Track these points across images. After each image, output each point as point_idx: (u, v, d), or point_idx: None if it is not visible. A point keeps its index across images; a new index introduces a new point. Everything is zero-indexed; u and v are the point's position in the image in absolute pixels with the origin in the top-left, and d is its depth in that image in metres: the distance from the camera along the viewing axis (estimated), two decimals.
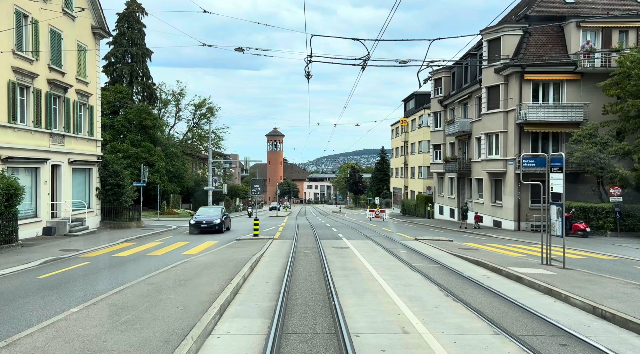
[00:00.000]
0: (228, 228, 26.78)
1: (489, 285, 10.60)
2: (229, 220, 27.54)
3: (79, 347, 5.83)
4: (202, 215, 25.39)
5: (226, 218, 26.32)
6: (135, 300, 8.35)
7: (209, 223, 24.18)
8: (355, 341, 6.50)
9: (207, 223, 24.12)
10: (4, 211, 16.24)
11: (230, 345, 6.41)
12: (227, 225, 26.79)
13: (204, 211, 26.30)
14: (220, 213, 25.69)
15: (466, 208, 31.82)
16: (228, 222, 27.14)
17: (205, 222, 24.10)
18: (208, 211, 26.33)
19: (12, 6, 18.80)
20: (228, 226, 26.96)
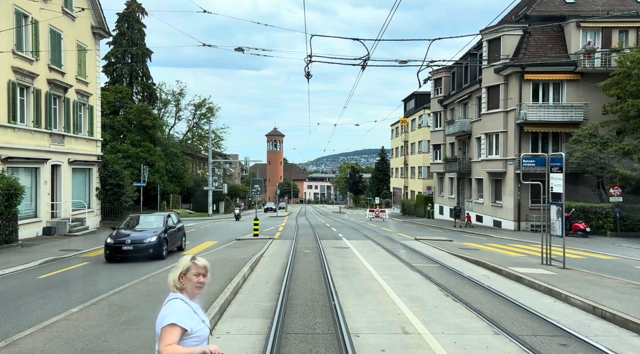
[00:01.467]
0: (180, 248, 17.04)
1: (489, 285, 10.61)
2: (180, 234, 17.18)
3: (79, 347, 5.83)
4: (128, 229, 15.51)
5: (174, 233, 16.31)
6: (135, 300, 8.35)
7: (138, 243, 14.29)
8: (355, 341, 6.50)
9: (134, 243, 14.26)
10: (4, 211, 16.24)
11: (230, 345, 6.41)
12: (177, 243, 16.79)
13: (136, 222, 16.23)
14: (163, 225, 15.46)
15: (459, 209, 33.28)
16: (179, 238, 17.01)
17: (130, 242, 14.28)
18: (145, 220, 16.21)
19: (12, 6, 18.80)
20: (180, 244, 17.07)
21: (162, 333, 2.81)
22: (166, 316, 2.84)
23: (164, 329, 2.80)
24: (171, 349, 2.74)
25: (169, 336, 2.78)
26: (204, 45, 14.58)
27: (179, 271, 3.00)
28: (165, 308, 2.91)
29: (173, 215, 17.31)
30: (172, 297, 2.96)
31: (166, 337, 2.78)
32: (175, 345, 2.77)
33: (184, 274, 2.99)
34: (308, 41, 18.53)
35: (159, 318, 2.90)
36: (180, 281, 2.98)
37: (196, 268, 3.00)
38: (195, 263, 3.01)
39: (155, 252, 14.41)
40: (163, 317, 2.85)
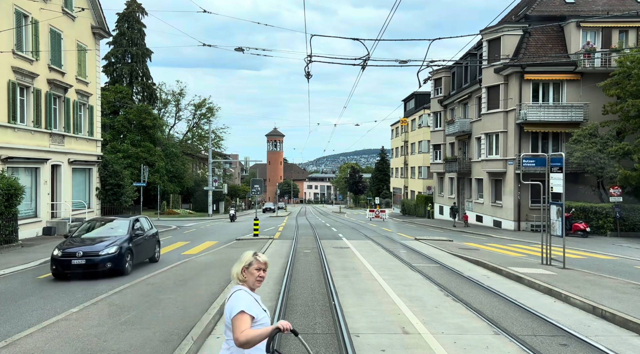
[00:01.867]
0: (153, 259, 14.12)
1: (489, 285, 10.60)
2: (153, 243, 14.13)
3: (79, 347, 5.83)
4: (83, 237, 12.45)
5: (144, 242, 13.34)
6: (135, 300, 8.35)
7: (92, 256, 11.34)
8: (355, 341, 6.50)
9: (88, 256, 11.33)
10: (4, 211, 16.24)
11: None
12: (149, 253, 13.91)
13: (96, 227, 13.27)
14: (127, 232, 12.58)
15: (456, 208, 34.03)
16: (151, 247, 13.97)
17: (82, 255, 11.34)
18: (107, 226, 13.16)
19: (12, 6, 18.80)
20: (153, 254, 14.12)
21: (233, 321, 3.05)
22: (234, 306, 3.09)
23: (235, 318, 3.05)
24: (246, 333, 3.00)
25: (240, 323, 3.04)
26: (204, 45, 14.57)
27: (242, 265, 3.28)
28: (231, 300, 3.15)
29: (143, 219, 14.51)
30: (236, 289, 3.22)
31: (239, 325, 3.04)
32: (249, 330, 3.02)
33: (246, 268, 3.27)
34: (308, 41, 18.53)
35: (226, 309, 3.15)
36: (242, 274, 3.27)
37: (257, 263, 3.28)
38: (257, 258, 3.30)
39: (114, 267, 11.54)
40: (231, 308, 3.10)
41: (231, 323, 3.07)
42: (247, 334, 2.99)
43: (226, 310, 3.16)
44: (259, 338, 3.03)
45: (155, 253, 14.35)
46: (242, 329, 3.01)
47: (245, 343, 3.00)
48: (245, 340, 2.99)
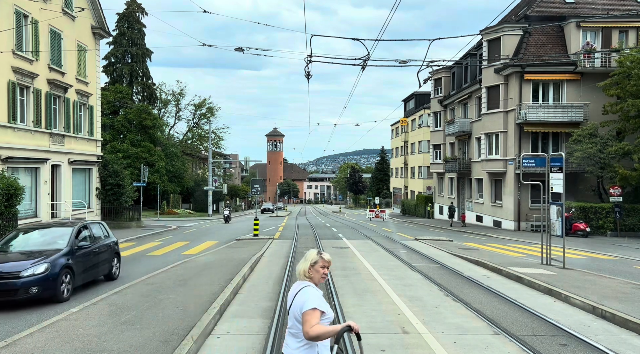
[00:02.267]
0: (110, 277, 11.48)
1: (489, 284, 10.61)
2: (108, 256, 11.34)
3: (79, 347, 5.83)
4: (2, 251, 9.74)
5: (93, 255, 10.60)
6: (135, 300, 8.35)
7: (8, 279, 8.48)
8: (355, 341, 6.49)
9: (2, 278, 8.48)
10: (4, 211, 16.23)
11: (230, 345, 6.41)
12: (102, 270, 11.14)
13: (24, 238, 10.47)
14: (67, 244, 9.82)
15: (453, 208, 33.96)
16: (105, 262, 11.20)
17: None
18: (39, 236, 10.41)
19: (12, 6, 18.78)
20: (109, 270, 11.41)
21: (304, 316, 3.25)
22: (306, 301, 3.29)
23: (306, 312, 3.25)
24: (317, 328, 3.19)
25: (312, 318, 3.23)
26: (204, 45, 14.56)
27: (309, 263, 3.50)
28: (301, 295, 3.36)
29: (96, 225, 11.77)
30: (304, 285, 3.44)
31: (310, 320, 3.23)
32: (319, 325, 3.23)
33: (312, 266, 3.49)
34: (308, 41, 18.52)
35: (296, 304, 3.35)
36: (309, 271, 3.49)
37: (322, 262, 3.51)
38: (322, 257, 3.53)
39: (42, 292, 8.65)
40: (303, 302, 3.30)
41: (302, 317, 3.26)
42: (316, 329, 3.18)
43: (295, 305, 3.35)
44: (329, 335, 3.23)
45: (112, 268, 11.42)
46: (312, 324, 3.19)
47: (315, 337, 3.20)
48: (315, 335, 3.18)
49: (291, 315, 3.40)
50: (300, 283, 3.49)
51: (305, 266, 3.50)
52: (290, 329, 3.39)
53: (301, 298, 3.34)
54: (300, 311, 3.29)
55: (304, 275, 3.49)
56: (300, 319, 3.27)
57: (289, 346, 3.38)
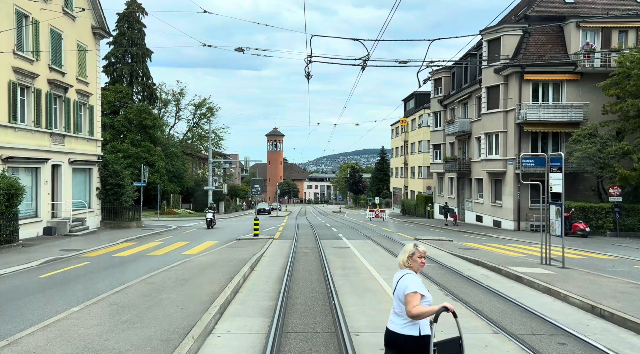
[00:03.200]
0: None
1: (488, 284, 10.64)
2: None
3: (81, 346, 5.86)
4: None
5: None
6: (136, 300, 8.38)
7: None
8: (355, 340, 6.54)
9: None
10: (4, 211, 16.27)
11: (231, 344, 6.45)
12: None
13: None
14: None
15: (447, 208, 34.53)
16: None
17: None
18: None
19: (12, 6, 18.82)
20: None
21: (407, 298, 3.85)
22: (407, 286, 3.90)
23: (409, 295, 3.85)
24: (418, 309, 3.79)
25: (413, 300, 3.83)
26: (204, 45, 14.61)
27: (407, 254, 4.09)
28: (404, 280, 3.97)
29: None
30: (405, 273, 4.04)
31: (412, 301, 3.82)
32: (420, 306, 3.82)
33: (410, 257, 4.08)
34: (308, 41, 18.56)
35: (399, 288, 3.96)
36: (408, 261, 4.08)
37: (418, 253, 4.09)
38: (418, 249, 4.10)
39: None
40: (405, 287, 3.91)
41: (404, 299, 3.87)
42: (418, 309, 3.79)
43: (398, 289, 3.97)
44: (428, 314, 3.84)
45: None
46: (414, 305, 3.80)
47: (417, 316, 3.81)
48: (417, 314, 3.80)
49: (395, 297, 4.03)
50: (402, 271, 4.09)
51: (404, 257, 4.10)
52: (395, 309, 4.03)
53: (403, 283, 3.96)
54: (403, 294, 3.90)
55: (403, 264, 4.10)
56: (404, 300, 3.87)
57: (394, 323, 4.02)
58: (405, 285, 3.91)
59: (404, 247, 4.19)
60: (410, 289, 3.86)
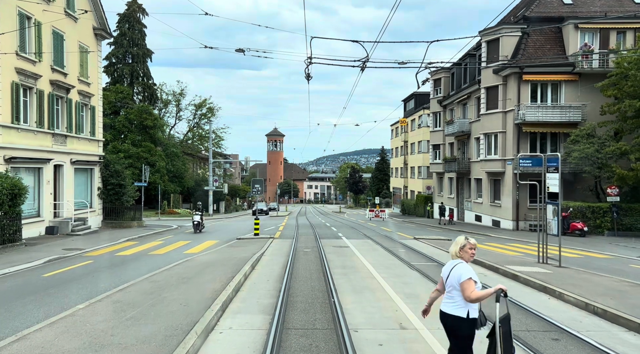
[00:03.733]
0: None
1: (486, 282, 10.76)
2: None
3: (88, 341, 6.04)
4: None
5: None
6: (140, 297, 8.56)
7: None
8: (353, 336, 6.72)
9: None
10: (8, 211, 16.45)
11: (233, 340, 6.62)
12: None
13: None
14: None
15: (443, 208, 36.23)
16: None
17: None
18: None
19: (15, 8, 18.99)
20: None
21: (463, 285, 4.43)
22: (462, 274, 4.47)
23: (465, 282, 4.43)
24: (476, 293, 4.41)
25: (469, 286, 4.42)
26: (205, 47, 14.80)
27: (459, 246, 4.66)
28: (457, 269, 4.56)
29: None
30: (457, 262, 4.63)
31: (468, 287, 4.42)
32: (476, 290, 4.42)
33: (461, 248, 4.65)
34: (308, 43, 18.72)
35: (453, 276, 4.56)
36: (459, 253, 4.65)
37: (469, 245, 4.66)
38: (469, 241, 4.67)
39: None
40: (459, 275, 4.49)
41: (460, 286, 4.45)
42: (476, 293, 4.39)
43: (453, 277, 4.55)
44: (486, 296, 4.41)
45: None
46: (471, 290, 4.39)
47: (476, 299, 4.39)
48: (476, 298, 4.38)
49: (448, 284, 4.62)
50: (453, 261, 4.69)
51: (456, 248, 4.68)
52: (448, 294, 4.63)
53: (457, 272, 4.53)
54: (457, 282, 4.48)
55: (455, 255, 4.69)
56: (459, 287, 4.46)
57: (446, 305, 4.63)
58: (460, 273, 4.49)
59: (455, 240, 4.76)
60: (465, 276, 4.44)
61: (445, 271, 4.71)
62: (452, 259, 4.74)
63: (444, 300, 4.72)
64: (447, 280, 4.65)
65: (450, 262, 4.72)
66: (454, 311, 4.55)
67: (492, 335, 4.51)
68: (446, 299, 4.68)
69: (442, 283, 4.80)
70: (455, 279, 4.53)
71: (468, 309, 4.49)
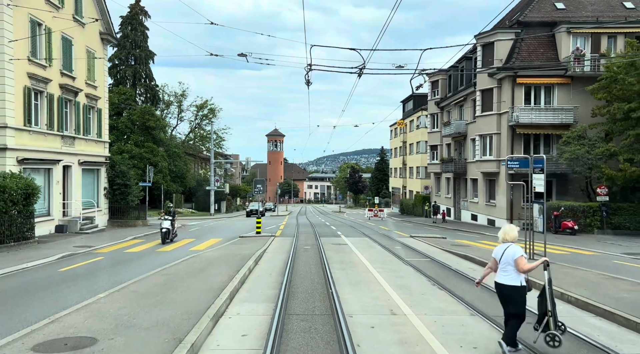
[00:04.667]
0: None
1: (474, 276, 11.58)
2: None
3: (114, 323, 6.85)
4: None
5: None
6: (154, 288, 9.36)
7: None
8: (348, 320, 7.52)
9: None
10: (22, 209, 17.26)
11: (241, 323, 7.43)
12: None
13: None
14: None
15: (437, 206, 38.03)
16: None
17: None
18: None
19: (27, 15, 19.80)
20: None
21: (518, 260, 5.97)
22: (516, 252, 6.07)
23: (519, 258, 5.99)
24: (528, 265, 6.00)
25: (522, 260, 6.00)
26: (211, 54, 15.58)
27: (516, 232, 6.35)
28: (511, 249, 6.14)
29: None
30: (508, 245, 6.22)
31: (522, 261, 5.98)
32: (528, 264, 6.01)
33: (507, 234, 6.30)
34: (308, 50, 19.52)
35: (507, 255, 6.13)
36: (506, 237, 6.31)
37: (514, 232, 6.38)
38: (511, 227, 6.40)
39: None
40: (514, 253, 6.07)
41: (515, 261, 5.99)
42: (528, 266, 5.98)
43: (508, 254, 6.10)
44: (535, 267, 6.03)
45: None
46: (524, 263, 5.96)
47: (528, 270, 5.96)
48: (528, 269, 5.95)
49: (503, 262, 6.13)
50: (504, 244, 6.26)
51: (504, 235, 6.32)
52: (502, 270, 6.15)
53: (511, 251, 6.09)
54: (512, 258, 6.01)
55: (503, 240, 6.30)
56: (513, 263, 5.99)
57: (501, 277, 6.13)
58: (514, 251, 6.05)
59: (502, 228, 6.41)
60: (518, 254, 6.02)
61: (499, 252, 6.25)
62: (501, 243, 6.30)
63: (498, 274, 6.18)
64: (502, 258, 6.15)
65: (501, 245, 6.27)
66: (509, 282, 6.06)
67: (541, 295, 6.32)
68: (501, 273, 6.14)
69: (495, 262, 6.29)
70: (510, 256, 6.04)
71: (520, 280, 6.04)
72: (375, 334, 6.94)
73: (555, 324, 6.30)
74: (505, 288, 6.09)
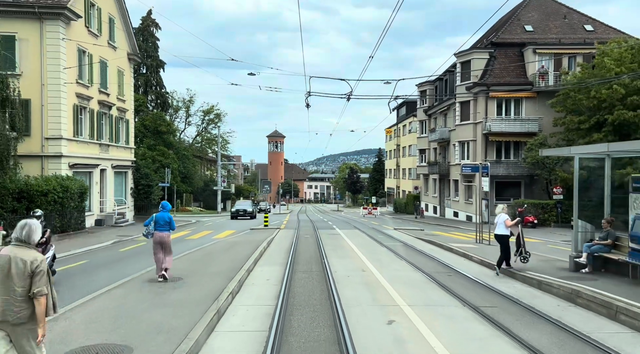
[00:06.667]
0: None
1: (429, 253, 15.76)
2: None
3: (182, 273, 10.99)
4: None
5: None
6: (201, 257, 13.53)
7: None
8: (334, 273, 11.65)
9: None
10: (77, 205, 21.41)
11: (265, 274, 11.58)
12: None
13: None
14: None
15: (417, 205, 44.14)
16: None
17: None
18: None
19: (75, 45, 23.92)
20: None
21: (505, 221, 11.63)
22: (503, 217, 11.70)
23: (505, 220, 11.63)
24: (510, 222, 11.63)
25: (508, 221, 11.64)
26: (231, 84, 19.59)
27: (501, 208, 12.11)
28: (501, 216, 11.76)
29: None
30: (502, 214, 11.81)
31: (508, 222, 11.61)
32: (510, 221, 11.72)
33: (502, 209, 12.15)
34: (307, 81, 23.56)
35: (500, 218, 11.76)
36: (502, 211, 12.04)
37: (506, 209, 12.34)
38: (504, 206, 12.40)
39: None
40: (505, 217, 11.72)
41: (503, 221, 11.58)
42: (510, 223, 11.60)
43: (500, 218, 11.72)
44: (514, 223, 11.68)
45: None
46: (509, 222, 11.60)
47: (510, 226, 11.56)
48: (510, 224, 11.58)
49: (499, 222, 11.63)
50: (500, 215, 11.73)
51: (501, 210, 11.88)
52: (497, 226, 11.70)
53: (502, 217, 11.61)
54: (503, 220, 11.54)
55: (499, 212, 11.86)
56: (503, 223, 11.50)
57: (497, 231, 11.71)
58: (505, 217, 11.54)
59: (497, 207, 12.17)
60: (504, 218, 11.54)
61: (496, 218, 11.73)
62: (499, 213, 11.73)
63: (496, 229, 11.68)
64: (497, 220, 11.65)
65: (498, 215, 11.70)
66: (501, 232, 11.43)
67: (517, 239, 11.56)
68: (497, 229, 11.58)
69: (495, 224, 11.73)
70: (502, 219, 11.50)
71: (506, 232, 11.36)
72: (350, 279, 11.10)
73: (525, 251, 11.52)
74: (498, 237, 11.56)
